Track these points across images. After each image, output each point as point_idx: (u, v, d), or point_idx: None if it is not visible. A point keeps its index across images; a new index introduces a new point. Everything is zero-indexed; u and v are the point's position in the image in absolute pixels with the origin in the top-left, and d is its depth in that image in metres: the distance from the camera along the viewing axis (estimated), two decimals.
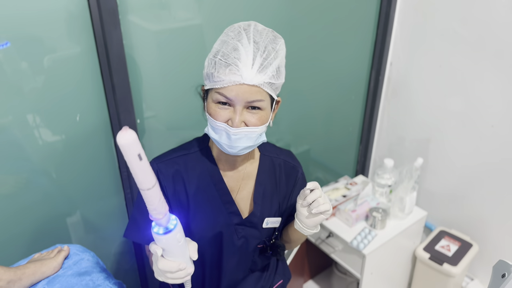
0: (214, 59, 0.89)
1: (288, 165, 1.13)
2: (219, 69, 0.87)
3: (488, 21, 1.67)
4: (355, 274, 1.82)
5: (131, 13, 1.24)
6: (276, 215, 1.12)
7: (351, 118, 2.17)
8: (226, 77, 0.87)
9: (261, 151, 1.11)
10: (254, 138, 0.94)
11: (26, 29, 1.10)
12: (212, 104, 0.92)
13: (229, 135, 0.91)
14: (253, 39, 0.89)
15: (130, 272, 1.65)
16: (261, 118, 0.92)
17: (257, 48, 0.88)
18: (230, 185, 1.06)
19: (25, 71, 1.14)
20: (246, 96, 0.88)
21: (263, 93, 0.89)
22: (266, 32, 0.91)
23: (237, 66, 0.86)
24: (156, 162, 1.04)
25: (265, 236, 1.12)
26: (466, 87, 1.82)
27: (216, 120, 0.91)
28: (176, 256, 0.79)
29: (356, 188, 2.03)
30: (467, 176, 1.94)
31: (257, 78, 0.87)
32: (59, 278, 1.03)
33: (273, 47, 0.90)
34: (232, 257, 1.10)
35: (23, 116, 1.18)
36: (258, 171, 1.09)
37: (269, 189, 1.10)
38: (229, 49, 0.88)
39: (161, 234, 0.75)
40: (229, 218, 1.06)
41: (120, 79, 1.25)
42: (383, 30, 1.97)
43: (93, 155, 1.35)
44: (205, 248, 1.06)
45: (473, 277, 2.06)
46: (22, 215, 1.28)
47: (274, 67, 0.89)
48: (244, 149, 0.95)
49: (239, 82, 0.86)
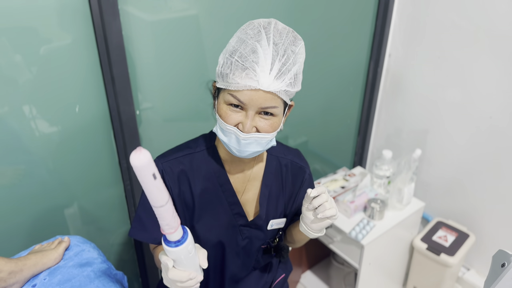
0: (231, 59, 0.85)
1: (295, 166, 1.10)
2: (235, 71, 0.84)
3: (486, 12, 1.67)
4: (353, 265, 1.83)
5: (129, 4, 1.23)
6: (281, 216, 1.10)
7: (349, 109, 2.17)
8: (242, 81, 0.83)
9: (268, 150, 1.08)
10: (264, 143, 0.92)
11: (26, 20, 1.09)
12: (223, 105, 0.88)
13: (238, 140, 0.89)
14: (273, 40, 0.84)
15: (130, 263, 1.66)
16: (273, 124, 0.89)
17: (276, 51, 0.84)
18: (236, 186, 1.04)
19: (24, 62, 1.13)
20: (260, 102, 0.84)
21: (278, 100, 0.86)
22: (287, 32, 0.87)
23: (255, 70, 0.82)
24: (161, 161, 1.00)
25: (269, 237, 1.11)
26: (464, 79, 1.83)
27: (227, 123, 0.88)
28: (186, 266, 0.79)
29: (355, 179, 2.04)
30: (464, 167, 1.95)
31: (273, 85, 0.83)
32: (60, 269, 1.03)
33: (293, 50, 0.86)
34: (236, 257, 1.09)
35: (22, 108, 1.17)
36: (265, 172, 1.06)
37: (275, 190, 1.08)
38: (247, 50, 0.84)
39: (172, 247, 0.74)
40: (234, 219, 1.05)
41: (119, 70, 1.25)
42: (381, 22, 1.97)
43: (93, 146, 1.35)
44: (209, 248, 1.04)
45: (470, 267, 2.09)
46: (21, 207, 1.27)
47: (292, 73, 0.86)
48: (253, 154, 0.93)
49: (255, 87, 0.83)
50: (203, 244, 1.04)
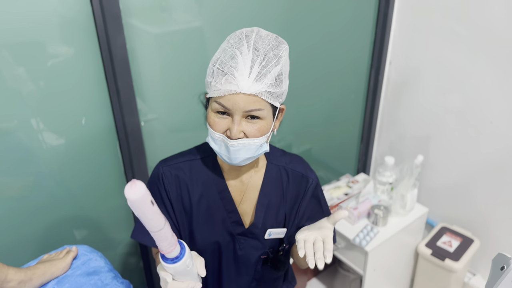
0: (213, 67, 0.88)
1: (297, 175, 1.08)
2: (216, 78, 0.86)
3: (485, 18, 1.69)
4: (358, 271, 1.83)
5: (133, 17, 1.26)
6: (281, 225, 1.08)
7: (351, 117, 2.19)
8: (222, 86, 0.85)
9: (268, 159, 1.07)
10: (254, 149, 0.92)
11: (33, 35, 1.13)
12: (211, 114, 0.90)
13: (227, 147, 0.90)
14: (254, 46, 0.86)
15: (136, 272, 1.67)
16: (261, 128, 0.90)
17: (256, 55, 0.85)
18: (234, 194, 1.05)
19: (31, 76, 1.16)
20: (243, 105, 0.85)
21: (262, 102, 0.87)
22: (269, 38, 0.89)
23: (233, 75, 0.84)
24: (162, 165, 1.03)
25: (268, 247, 1.09)
26: (465, 84, 1.84)
27: (215, 130, 0.90)
28: (185, 277, 0.81)
29: (358, 186, 2.05)
30: (467, 172, 1.96)
31: (254, 87, 0.84)
32: (68, 278, 1.05)
33: (275, 54, 0.87)
34: (233, 265, 1.09)
35: (31, 120, 1.20)
36: (263, 181, 1.06)
37: (274, 200, 1.06)
38: (227, 57, 0.86)
39: (170, 263, 0.75)
40: (231, 227, 1.05)
41: (124, 82, 1.28)
42: (382, 30, 1.99)
43: (99, 157, 1.38)
44: (207, 255, 1.05)
45: (475, 272, 2.08)
46: (30, 217, 1.30)
47: (273, 75, 0.86)
48: (245, 160, 0.94)
49: (235, 91, 0.84)
50: (201, 250, 1.04)
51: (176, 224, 1.04)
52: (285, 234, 1.09)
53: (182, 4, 1.37)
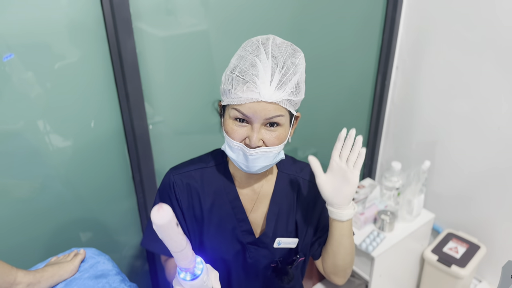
0: (232, 75, 0.87)
1: (308, 184, 1.08)
2: (236, 86, 0.85)
3: (492, 23, 1.69)
4: (364, 277, 1.83)
5: (142, 21, 1.27)
6: (292, 235, 1.07)
7: (358, 122, 2.19)
8: (243, 94, 0.84)
9: (279, 168, 1.07)
10: (272, 157, 0.92)
11: (45, 38, 1.14)
12: (229, 121, 0.90)
13: (246, 155, 0.90)
14: (272, 53, 0.86)
15: (142, 275, 1.68)
16: (279, 136, 0.90)
17: (275, 63, 0.85)
18: (245, 203, 1.04)
19: (42, 79, 1.17)
20: (264, 113, 0.85)
21: (282, 109, 0.87)
22: (285, 46, 0.89)
23: (255, 83, 0.84)
24: (173, 173, 1.02)
25: (278, 256, 1.07)
26: (472, 90, 1.84)
27: (233, 139, 0.89)
28: None
29: (364, 191, 2.05)
30: (474, 178, 1.95)
31: (275, 95, 0.85)
32: (76, 281, 1.05)
33: (293, 62, 0.87)
34: (242, 274, 1.08)
35: (40, 123, 1.21)
36: (274, 190, 1.05)
37: (285, 209, 1.06)
38: (247, 65, 0.86)
39: (188, 281, 0.75)
40: (242, 236, 1.04)
41: (133, 86, 1.28)
42: (388, 35, 1.99)
43: (107, 160, 1.38)
44: (217, 263, 1.03)
45: (481, 279, 2.07)
46: (38, 219, 1.31)
47: (293, 83, 0.87)
48: (262, 168, 0.94)
49: (257, 99, 0.84)
50: (211, 258, 1.03)
51: (187, 232, 1.04)
52: (297, 245, 1.07)
53: (189, 7, 1.37)
